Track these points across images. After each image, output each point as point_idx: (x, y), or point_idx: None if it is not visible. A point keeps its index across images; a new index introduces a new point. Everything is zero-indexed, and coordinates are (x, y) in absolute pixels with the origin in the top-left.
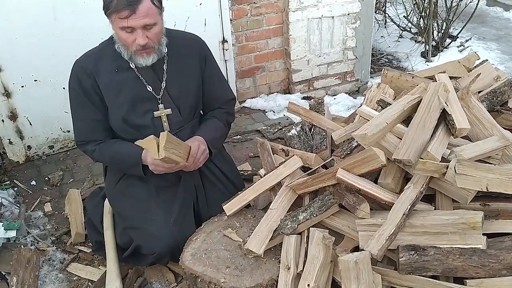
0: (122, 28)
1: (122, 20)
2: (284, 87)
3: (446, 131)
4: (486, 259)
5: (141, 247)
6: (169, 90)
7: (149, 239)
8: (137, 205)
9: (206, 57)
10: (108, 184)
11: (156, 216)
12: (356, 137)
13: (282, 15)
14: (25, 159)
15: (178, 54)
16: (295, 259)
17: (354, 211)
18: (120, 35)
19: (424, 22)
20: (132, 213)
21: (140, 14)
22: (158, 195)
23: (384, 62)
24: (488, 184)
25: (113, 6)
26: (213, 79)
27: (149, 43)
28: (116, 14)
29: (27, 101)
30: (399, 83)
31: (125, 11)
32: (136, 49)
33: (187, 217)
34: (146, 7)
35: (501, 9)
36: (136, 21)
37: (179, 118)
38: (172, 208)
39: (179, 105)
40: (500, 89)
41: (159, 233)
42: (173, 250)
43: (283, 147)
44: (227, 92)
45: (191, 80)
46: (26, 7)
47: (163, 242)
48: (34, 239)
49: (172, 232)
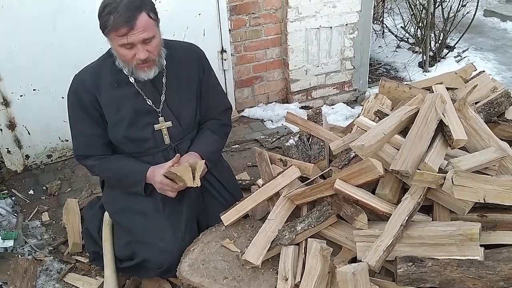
0: (122, 45)
1: (121, 38)
2: (283, 97)
3: (444, 142)
4: (483, 270)
5: (148, 261)
6: (168, 102)
7: (159, 254)
8: (143, 220)
9: (204, 67)
10: (108, 198)
11: (164, 231)
12: (353, 148)
13: (281, 25)
14: (23, 168)
15: (177, 65)
16: (292, 270)
17: (351, 222)
18: (120, 52)
19: (421, 33)
20: (138, 228)
21: (138, 30)
22: (164, 210)
23: (382, 72)
24: (485, 195)
25: (111, 25)
26: (210, 89)
27: (150, 56)
28: (114, 33)
29: (26, 110)
30: (396, 94)
31: (123, 28)
32: (137, 64)
33: (193, 230)
34: (143, 21)
35: (498, 20)
36: (135, 36)
37: (179, 130)
38: (180, 222)
39: (179, 117)
40: (497, 100)
41: (169, 248)
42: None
43: (281, 157)
44: (224, 101)
45: (190, 91)
46: (26, 17)
47: (173, 257)
48: (31, 248)
49: (182, 247)
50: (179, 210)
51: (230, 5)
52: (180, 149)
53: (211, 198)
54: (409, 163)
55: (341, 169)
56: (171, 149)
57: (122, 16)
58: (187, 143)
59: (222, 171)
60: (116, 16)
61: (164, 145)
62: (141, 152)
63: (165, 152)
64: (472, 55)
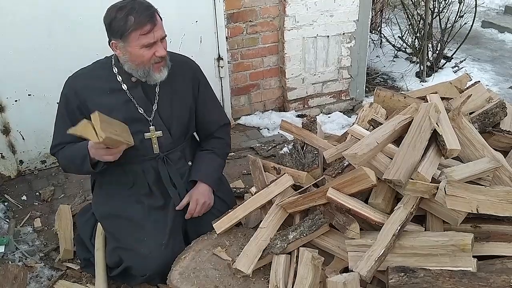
0: (144, 45)
1: (145, 36)
2: (279, 105)
3: (437, 152)
4: (476, 282)
5: (131, 268)
6: (160, 112)
7: (140, 260)
8: (129, 226)
9: (199, 81)
10: (97, 203)
11: (148, 237)
12: (346, 156)
13: (278, 33)
14: (17, 174)
15: (171, 76)
16: (284, 279)
17: (344, 231)
18: (140, 53)
19: (419, 43)
20: (123, 234)
21: (159, 26)
22: (149, 216)
23: (379, 82)
24: (478, 206)
25: (133, 25)
26: (206, 103)
27: (165, 55)
28: (139, 31)
29: (21, 116)
30: (391, 103)
31: (148, 25)
32: (154, 63)
33: (178, 238)
34: (159, 19)
35: (496, 31)
36: (157, 32)
37: (170, 141)
38: (164, 230)
39: (170, 127)
40: (492, 111)
41: (150, 255)
42: (163, 272)
43: (275, 165)
44: (222, 116)
45: (182, 104)
46: (21, 22)
47: (155, 264)
48: (22, 255)
49: (164, 254)
50: (164, 217)
51: (227, 13)
52: (169, 159)
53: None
54: (402, 173)
55: (334, 177)
56: (159, 158)
57: (143, 14)
58: (176, 154)
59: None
60: (136, 16)
61: (153, 154)
62: (129, 160)
63: (153, 161)
64: (469, 65)
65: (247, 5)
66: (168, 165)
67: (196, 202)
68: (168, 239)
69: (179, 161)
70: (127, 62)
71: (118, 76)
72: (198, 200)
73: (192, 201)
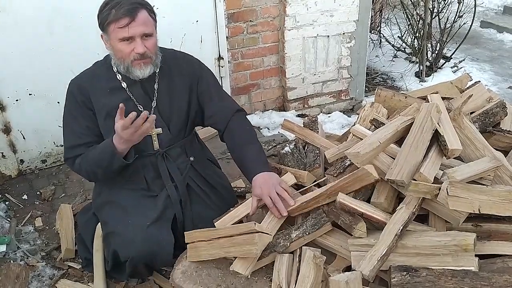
0: (121, 38)
1: (121, 30)
2: (279, 105)
3: (439, 152)
4: (478, 281)
5: (117, 252)
6: (159, 109)
7: (123, 243)
8: (118, 211)
9: (200, 76)
10: (94, 195)
11: (132, 220)
12: (349, 156)
13: (278, 33)
14: (18, 173)
15: (170, 73)
16: (287, 278)
17: (351, 231)
18: (118, 47)
19: (418, 43)
20: (112, 219)
21: (139, 22)
22: (139, 202)
23: (378, 82)
24: (480, 206)
25: (112, 16)
26: (212, 96)
27: (147, 52)
28: (115, 24)
29: (21, 115)
30: (392, 103)
31: (125, 18)
32: (134, 59)
33: (164, 227)
34: (144, 16)
35: (495, 31)
36: (135, 29)
37: (169, 137)
38: (150, 215)
39: (169, 124)
40: (492, 110)
41: (132, 238)
42: (146, 256)
43: (275, 164)
44: (233, 104)
45: (181, 100)
46: (22, 21)
47: (136, 247)
48: (24, 254)
49: (145, 237)
50: (153, 205)
51: (228, 13)
52: (169, 155)
53: (201, 203)
54: (404, 173)
55: (336, 177)
56: (159, 155)
57: (124, 8)
58: (176, 150)
59: (215, 176)
60: (118, 9)
61: (153, 151)
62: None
63: (153, 157)
64: (468, 65)
65: (247, 5)
66: (167, 161)
67: (267, 196)
68: (152, 224)
69: (179, 157)
70: (113, 56)
71: (118, 75)
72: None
73: (264, 199)
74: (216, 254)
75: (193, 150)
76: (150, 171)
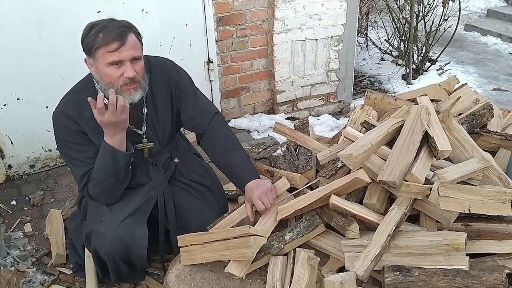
0: (111, 63)
1: (111, 54)
2: (269, 108)
3: (429, 153)
4: (469, 280)
5: (96, 249)
6: (149, 124)
7: (98, 239)
8: (96, 209)
9: (177, 82)
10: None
11: (106, 216)
12: (341, 157)
13: (267, 37)
14: (6, 179)
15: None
16: (281, 280)
17: (344, 232)
18: (107, 71)
19: (404, 46)
20: (90, 219)
21: (128, 46)
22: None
23: (366, 84)
24: (470, 206)
25: (101, 40)
26: (188, 97)
27: (136, 77)
28: (104, 48)
29: (9, 120)
30: (382, 105)
31: (115, 42)
32: (123, 84)
33: (140, 222)
34: (133, 39)
35: (479, 34)
36: (125, 53)
37: (159, 148)
38: (124, 210)
39: (159, 136)
40: (480, 112)
41: (106, 232)
42: (120, 249)
43: (268, 167)
44: (210, 107)
45: (166, 111)
46: (11, 25)
47: (109, 241)
48: (14, 260)
49: (118, 231)
50: (129, 198)
51: (217, 16)
52: (158, 160)
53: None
54: (396, 174)
55: (328, 178)
56: (149, 163)
57: (113, 32)
58: (164, 155)
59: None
60: (106, 33)
61: (143, 161)
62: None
63: (143, 166)
64: (453, 68)
65: (236, 8)
66: (156, 167)
67: (258, 199)
68: (126, 219)
69: (166, 161)
70: (99, 81)
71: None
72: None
73: (255, 203)
74: (211, 257)
75: (178, 150)
76: (142, 178)
